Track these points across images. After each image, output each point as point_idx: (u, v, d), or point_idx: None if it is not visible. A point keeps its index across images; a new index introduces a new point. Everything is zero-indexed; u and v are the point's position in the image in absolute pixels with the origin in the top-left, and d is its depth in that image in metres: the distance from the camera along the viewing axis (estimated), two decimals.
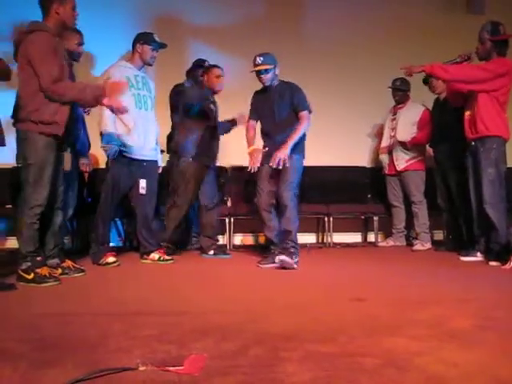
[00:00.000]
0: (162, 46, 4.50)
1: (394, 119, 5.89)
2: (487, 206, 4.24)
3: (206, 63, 5.40)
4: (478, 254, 4.45)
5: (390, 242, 5.95)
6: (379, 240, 6.26)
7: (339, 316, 2.28)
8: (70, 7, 3.37)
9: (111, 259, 4.16)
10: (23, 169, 3.30)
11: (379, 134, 6.34)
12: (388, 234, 6.20)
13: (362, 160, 6.67)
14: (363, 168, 6.56)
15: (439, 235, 6.09)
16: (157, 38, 4.45)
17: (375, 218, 6.17)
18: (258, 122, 4.47)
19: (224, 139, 5.89)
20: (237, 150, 6.23)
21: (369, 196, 6.44)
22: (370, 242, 6.38)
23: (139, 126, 4.35)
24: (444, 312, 2.31)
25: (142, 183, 4.39)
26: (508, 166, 4.47)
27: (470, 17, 6.60)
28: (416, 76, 5.42)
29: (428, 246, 5.57)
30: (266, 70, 4.20)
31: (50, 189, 3.30)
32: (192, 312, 2.38)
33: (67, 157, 3.74)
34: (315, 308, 2.48)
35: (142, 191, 4.39)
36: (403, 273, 3.88)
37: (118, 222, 5.82)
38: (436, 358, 1.63)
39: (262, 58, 4.20)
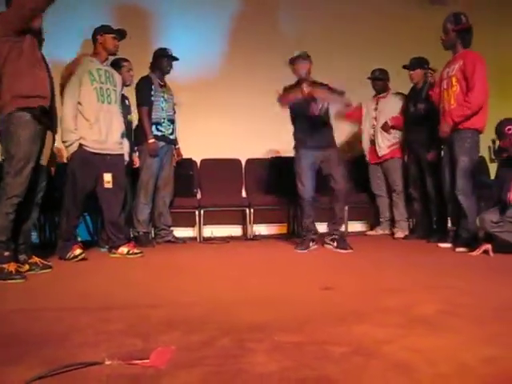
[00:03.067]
0: (123, 33, 4.43)
1: (376, 109, 5.92)
2: (459, 193, 4.31)
3: (169, 51, 5.38)
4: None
5: (379, 231, 6.04)
6: (364, 229, 6.52)
7: (308, 305, 2.29)
8: None
9: (78, 251, 4.08)
10: (6, 159, 3.32)
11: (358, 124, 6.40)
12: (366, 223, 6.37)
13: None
14: None
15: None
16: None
17: (345, 208, 6.17)
18: None
19: (192, 133, 5.90)
20: (207, 142, 6.26)
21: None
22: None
23: (101, 119, 4.28)
24: (413, 299, 2.33)
25: (107, 177, 4.32)
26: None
27: (433, 8, 6.66)
28: (394, 66, 5.54)
29: (406, 233, 5.66)
30: None
31: (30, 183, 3.32)
32: (159, 305, 2.35)
33: (50, 136, 3.64)
34: (284, 298, 2.47)
35: (107, 185, 4.33)
36: (375, 260, 3.91)
37: (87, 217, 5.75)
38: (403, 345, 1.64)
39: None
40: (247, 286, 2.88)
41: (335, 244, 4.64)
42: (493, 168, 6.22)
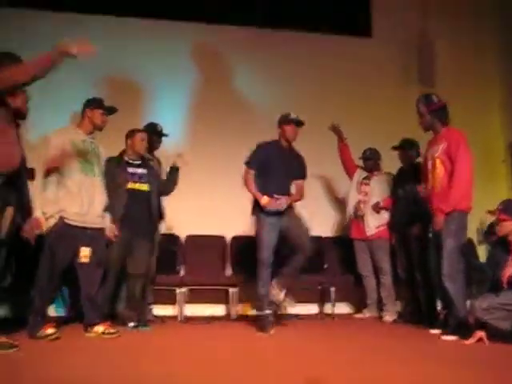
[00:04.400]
0: (113, 110, 4.41)
1: (368, 184, 5.86)
2: (445, 279, 4.15)
3: (159, 127, 5.36)
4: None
5: (367, 314, 5.86)
6: (351, 311, 6.35)
7: None
8: None
9: (50, 331, 3.85)
10: None
11: (340, 202, 6.35)
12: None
13: (319, 229, 6.59)
14: (319, 237, 6.47)
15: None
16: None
17: (332, 289, 6.02)
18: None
19: (177, 208, 5.79)
20: (192, 218, 6.14)
21: (325, 266, 6.32)
22: (327, 314, 6.21)
23: (83, 192, 4.15)
24: None
25: (84, 251, 4.14)
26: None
27: (422, 89, 6.76)
28: (384, 145, 5.53)
29: (395, 317, 5.50)
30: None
31: None
32: None
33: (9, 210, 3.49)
34: None
35: (84, 260, 4.15)
36: (362, 348, 3.71)
37: (65, 291, 5.51)
38: None
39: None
40: (231, 379, 2.64)
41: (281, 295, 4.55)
42: (481, 251, 6.16)
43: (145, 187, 4.78)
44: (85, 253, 4.15)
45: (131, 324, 4.58)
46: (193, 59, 6.84)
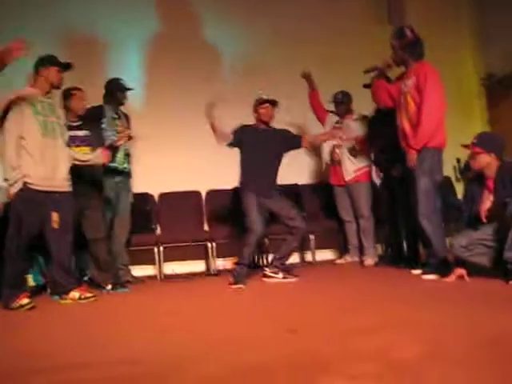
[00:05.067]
0: (69, 66, 4.16)
1: (340, 128, 5.69)
2: (421, 218, 4.07)
3: (123, 82, 5.17)
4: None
5: (348, 259, 5.81)
6: (334, 257, 6.30)
7: (271, 352, 2.01)
8: None
9: (25, 301, 3.73)
10: None
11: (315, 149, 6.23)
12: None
13: (295, 176, 6.50)
14: (295, 185, 6.39)
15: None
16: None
17: (312, 237, 5.97)
18: None
19: (149, 166, 5.66)
20: (164, 175, 6.01)
21: (304, 214, 6.24)
22: (308, 262, 6.19)
23: (46, 155, 3.96)
24: (388, 340, 2.07)
25: (54, 216, 3.99)
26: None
27: (392, 28, 6.58)
28: (356, 87, 5.39)
29: (376, 260, 5.47)
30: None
31: None
32: (98, 363, 2.03)
33: None
34: (243, 344, 2.18)
35: (55, 225, 4.00)
36: (344, 294, 3.66)
37: (40, 259, 5.37)
38: None
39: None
40: (201, 334, 2.54)
41: (280, 275, 4.58)
42: (459, 188, 6.13)
43: (86, 150, 4.57)
44: (55, 218, 4.00)
45: (108, 287, 4.48)
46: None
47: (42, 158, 3.93)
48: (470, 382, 1.52)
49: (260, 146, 4.68)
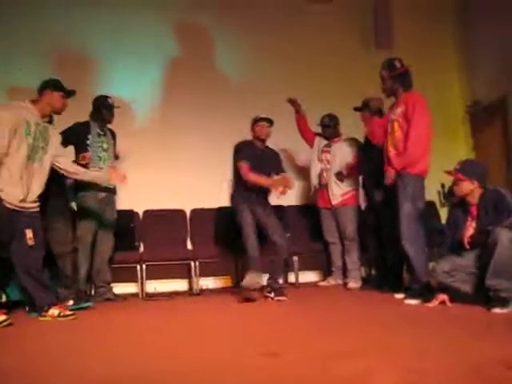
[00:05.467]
0: (72, 93, 4.19)
1: (329, 152, 5.75)
2: (404, 242, 4.14)
3: (109, 100, 5.16)
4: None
5: (331, 281, 5.80)
6: (318, 279, 6.29)
7: (248, 377, 1.99)
8: None
9: (2, 317, 3.64)
10: None
11: (301, 171, 6.25)
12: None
13: (283, 198, 6.51)
14: (280, 206, 6.39)
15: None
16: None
17: (295, 258, 5.97)
18: None
19: (134, 183, 5.63)
20: (150, 193, 5.99)
21: (288, 235, 6.24)
22: (291, 283, 6.17)
23: (24, 177, 3.90)
24: (369, 365, 2.04)
25: (29, 234, 3.93)
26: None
27: (379, 52, 6.65)
28: (344, 110, 5.42)
29: (360, 283, 5.46)
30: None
31: None
32: (78, 381, 2.00)
33: None
34: (222, 368, 2.15)
35: (30, 242, 3.93)
36: (326, 317, 3.64)
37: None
38: None
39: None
40: (181, 355, 2.51)
41: (272, 294, 4.72)
42: (443, 213, 6.17)
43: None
44: (30, 235, 3.95)
45: (70, 302, 4.39)
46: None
47: (20, 180, 3.89)
48: None
49: (255, 160, 4.81)
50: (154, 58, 6.62)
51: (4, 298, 4.54)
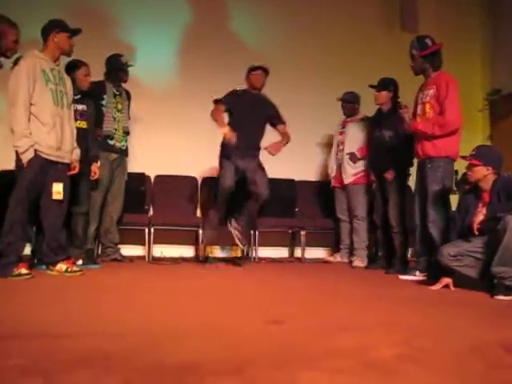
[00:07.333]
0: (78, 31, 4.09)
1: (343, 132, 5.77)
2: (430, 225, 4.17)
3: (123, 59, 5.13)
4: (418, 272, 4.33)
5: (338, 258, 5.86)
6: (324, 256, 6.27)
7: (251, 342, 2.00)
8: None
9: (24, 271, 3.68)
10: None
11: (328, 146, 6.23)
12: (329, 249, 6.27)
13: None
14: (291, 181, 6.38)
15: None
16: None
17: (302, 233, 5.99)
18: None
19: (147, 147, 5.65)
20: (162, 158, 6.00)
21: (296, 210, 6.26)
22: (297, 258, 6.20)
23: (57, 124, 3.92)
24: (368, 339, 2.07)
25: (57, 187, 3.94)
26: None
27: (404, 35, 6.57)
28: (366, 93, 5.38)
29: (366, 262, 5.48)
30: None
31: None
32: (78, 334, 2.02)
33: None
34: (223, 332, 2.18)
35: (57, 196, 3.95)
36: (330, 292, 3.67)
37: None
38: None
39: None
40: (187, 315, 2.57)
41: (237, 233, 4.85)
42: (454, 200, 6.14)
43: (83, 124, 4.57)
44: (58, 189, 3.96)
45: (79, 262, 4.45)
46: None
47: (52, 127, 3.90)
48: None
49: (248, 107, 4.79)
50: (173, 23, 6.57)
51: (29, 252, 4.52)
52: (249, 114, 4.76)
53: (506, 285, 3.40)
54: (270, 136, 5.02)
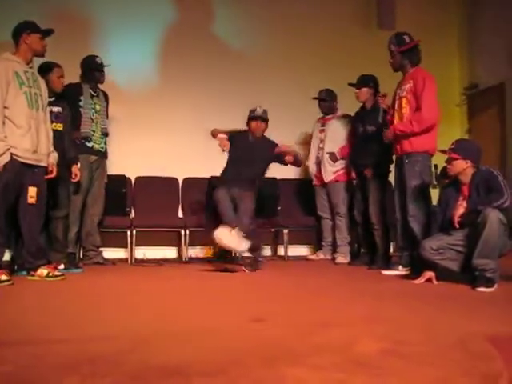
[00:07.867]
0: (50, 32, 4.03)
1: (323, 130, 5.78)
2: (411, 220, 4.19)
3: (98, 60, 5.08)
4: (400, 267, 4.35)
5: (320, 255, 5.86)
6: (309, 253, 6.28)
7: (236, 341, 2.01)
8: None
9: (4, 277, 3.62)
10: None
11: (306, 144, 6.23)
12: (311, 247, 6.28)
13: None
14: (273, 179, 6.38)
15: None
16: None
17: (285, 231, 6.00)
18: None
19: (128, 148, 5.61)
20: (143, 159, 5.96)
21: (279, 208, 6.27)
22: (280, 256, 6.21)
23: (32, 127, 3.87)
24: (353, 335, 2.07)
25: (32, 191, 3.90)
26: None
27: (381, 32, 6.61)
28: (344, 90, 5.38)
29: (348, 258, 5.50)
30: None
31: None
32: (65, 340, 2.00)
33: None
34: (209, 332, 2.17)
35: (32, 200, 3.91)
36: (314, 289, 3.68)
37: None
38: None
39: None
40: (172, 317, 2.55)
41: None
42: (434, 194, 6.18)
43: (59, 127, 4.52)
44: (32, 193, 3.91)
45: (61, 266, 4.40)
46: None
47: (28, 130, 3.84)
48: (427, 381, 1.53)
49: (246, 148, 4.81)
50: (152, 24, 6.53)
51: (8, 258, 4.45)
52: (246, 153, 4.80)
53: (487, 277, 3.44)
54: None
